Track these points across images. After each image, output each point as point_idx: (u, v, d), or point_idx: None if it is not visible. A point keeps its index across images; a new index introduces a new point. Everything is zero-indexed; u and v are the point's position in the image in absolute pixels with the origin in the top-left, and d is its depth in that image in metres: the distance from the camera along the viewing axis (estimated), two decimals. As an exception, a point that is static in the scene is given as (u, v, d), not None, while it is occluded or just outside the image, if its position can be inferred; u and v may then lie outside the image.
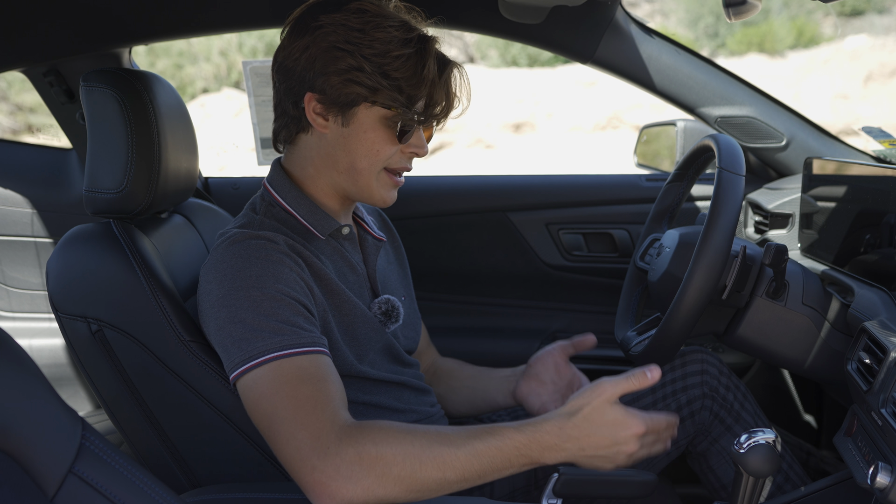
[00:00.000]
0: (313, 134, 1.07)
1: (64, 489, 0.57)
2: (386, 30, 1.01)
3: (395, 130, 1.05)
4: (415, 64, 1.02)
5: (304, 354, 0.92)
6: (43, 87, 1.71)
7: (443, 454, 0.87)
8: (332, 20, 1.01)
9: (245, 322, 0.93)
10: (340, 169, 1.07)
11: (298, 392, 0.89)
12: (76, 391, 1.98)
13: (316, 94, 1.02)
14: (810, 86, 9.61)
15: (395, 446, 0.87)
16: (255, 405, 0.91)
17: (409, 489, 0.86)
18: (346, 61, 1.00)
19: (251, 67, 1.84)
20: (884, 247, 1.11)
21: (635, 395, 1.22)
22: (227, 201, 1.86)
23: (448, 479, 0.87)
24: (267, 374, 0.90)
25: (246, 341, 0.92)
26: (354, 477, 0.84)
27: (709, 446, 1.21)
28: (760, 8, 1.08)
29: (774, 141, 1.67)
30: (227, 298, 0.95)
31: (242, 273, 0.96)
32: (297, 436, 0.86)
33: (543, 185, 1.91)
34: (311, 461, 0.84)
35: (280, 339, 0.92)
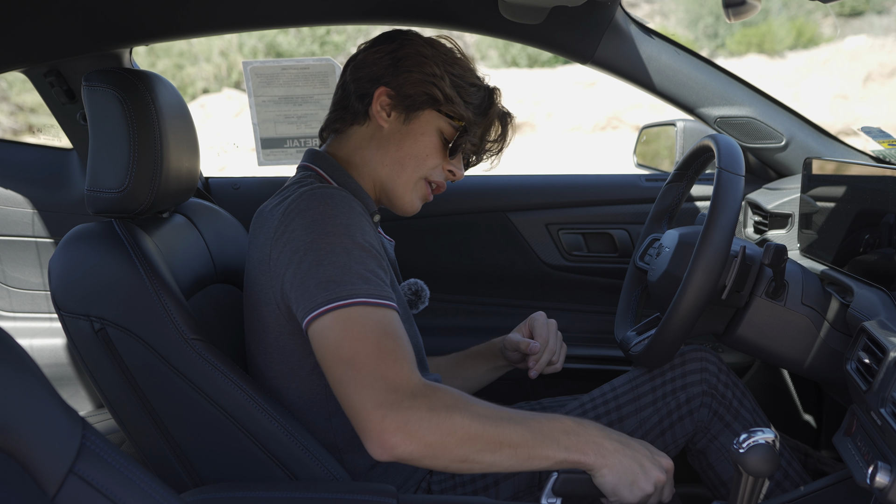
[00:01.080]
0: (369, 126, 1.15)
1: (64, 489, 0.57)
2: (465, 62, 1.18)
3: (447, 144, 1.14)
4: (483, 99, 1.17)
5: (386, 308, 0.94)
6: (44, 88, 1.71)
7: (503, 426, 0.90)
8: (422, 39, 1.16)
9: (335, 265, 0.93)
10: (387, 162, 1.15)
11: (382, 342, 0.90)
12: (77, 391, 1.99)
13: (388, 89, 1.11)
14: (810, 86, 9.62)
15: (464, 412, 0.89)
16: (335, 345, 0.91)
17: (465, 457, 0.88)
18: (431, 68, 1.11)
19: (252, 68, 1.84)
20: (883, 247, 1.12)
21: (636, 393, 1.23)
22: (227, 201, 1.86)
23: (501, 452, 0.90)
24: (352, 316, 0.91)
25: (335, 283, 0.92)
26: (419, 434, 0.86)
27: (708, 444, 1.21)
28: (760, 8, 1.08)
29: (774, 141, 1.67)
30: (316, 242, 0.95)
31: (332, 220, 0.97)
32: (375, 384, 0.87)
33: (543, 185, 1.91)
34: (383, 409, 0.86)
35: (368, 287, 0.93)
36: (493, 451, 0.89)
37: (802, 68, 10.27)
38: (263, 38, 11.07)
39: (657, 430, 1.20)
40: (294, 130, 1.89)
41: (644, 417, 1.20)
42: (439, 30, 1.22)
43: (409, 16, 1.55)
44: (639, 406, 1.21)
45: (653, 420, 1.20)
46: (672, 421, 1.20)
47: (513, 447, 0.90)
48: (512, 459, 0.91)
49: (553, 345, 1.29)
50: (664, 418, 1.20)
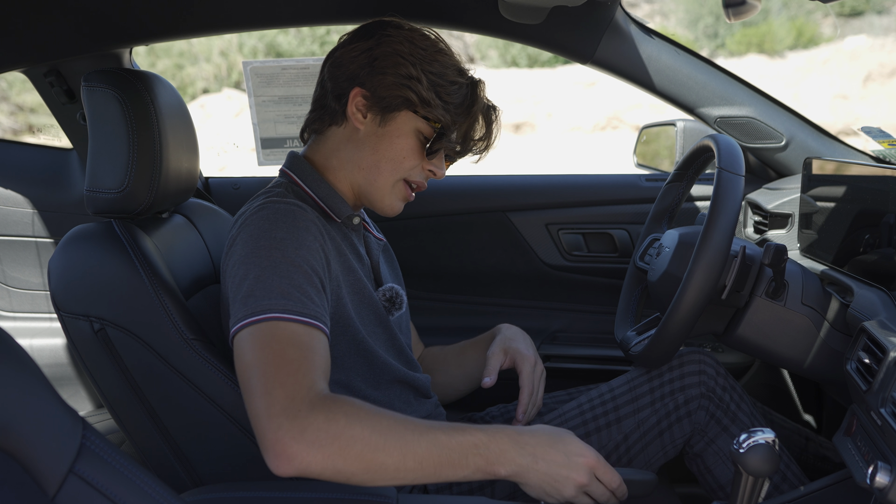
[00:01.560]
0: (346, 128, 1.13)
1: (64, 489, 0.57)
2: (446, 57, 1.12)
3: (424, 145, 1.12)
4: (465, 96, 1.12)
5: (303, 324, 0.93)
6: (43, 88, 1.71)
7: (406, 439, 0.88)
8: (400, 34, 1.11)
9: (259, 279, 0.94)
10: (363, 166, 1.13)
11: (286, 353, 0.89)
12: (77, 391, 1.99)
13: (364, 90, 1.09)
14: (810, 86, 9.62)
15: (364, 423, 0.87)
16: (241, 357, 0.91)
17: (367, 468, 0.86)
18: (407, 69, 1.08)
19: (251, 68, 1.84)
20: (883, 247, 1.12)
21: (633, 395, 1.22)
22: (227, 201, 1.86)
23: (406, 466, 0.87)
24: (261, 330, 0.91)
25: (253, 298, 0.92)
26: (317, 443, 0.84)
27: (706, 447, 1.21)
28: (760, 8, 1.08)
29: (774, 141, 1.67)
30: (248, 257, 0.96)
31: (267, 234, 0.97)
32: (272, 393, 0.86)
33: (543, 185, 1.91)
34: (279, 419, 0.84)
35: (285, 302, 0.92)
36: (396, 465, 0.87)
37: (802, 68, 10.28)
38: (263, 38, 11.06)
39: (655, 431, 1.20)
40: (294, 130, 1.89)
41: (642, 418, 1.20)
42: (439, 29, 1.20)
43: (409, 16, 1.54)
44: (637, 407, 1.21)
45: (651, 421, 1.20)
46: (670, 422, 1.20)
47: (417, 461, 0.88)
48: (417, 473, 0.88)
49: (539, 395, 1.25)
50: (662, 419, 1.20)
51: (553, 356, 1.83)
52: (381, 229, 1.37)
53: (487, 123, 1.18)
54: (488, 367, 1.24)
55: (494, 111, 1.19)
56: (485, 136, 1.19)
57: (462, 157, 1.22)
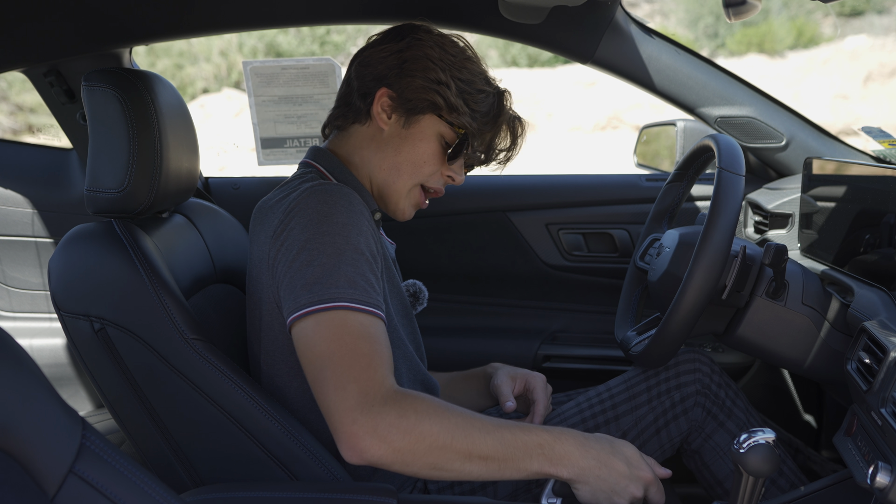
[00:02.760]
0: (369, 127, 1.13)
1: (64, 489, 0.57)
2: (474, 66, 1.13)
3: (446, 150, 1.12)
4: (491, 105, 1.13)
5: (370, 315, 0.93)
6: (43, 88, 1.71)
7: (473, 436, 0.89)
8: (431, 39, 1.11)
9: (324, 266, 0.93)
10: (384, 166, 1.13)
11: (358, 346, 0.90)
12: (76, 391, 1.99)
13: (391, 91, 1.09)
14: (810, 86, 9.62)
15: (434, 419, 0.89)
16: (312, 347, 0.91)
17: (434, 464, 0.88)
18: (437, 74, 1.08)
19: (251, 67, 1.84)
20: (883, 247, 1.12)
21: (631, 393, 1.23)
22: (227, 201, 1.86)
23: (471, 463, 0.89)
24: (333, 319, 0.91)
25: (319, 285, 0.92)
26: (389, 438, 0.86)
27: (703, 443, 1.22)
28: (760, 8, 1.08)
29: (774, 141, 1.67)
30: (310, 242, 0.95)
31: (329, 219, 0.96)
32: (347, 387, 0.87)
33: (543, 185, 1.91)
34: (354, 413, 0.86)
35: (353, 291, 0.93)
36: (463, 461, 0.89)
37: (802, 68, 10.27)
38: (263, 38, 11.07)
39: (652, 429, 1.21)
40: (294, 130, 1.89)
41: (639, 416, 1.21)
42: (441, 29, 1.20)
43: (409, 16, 1.54)
44: (634, 405, 1.22)
45: (648, 419, 1.21)
46: (667, 420, 1.21)
47: (484, 459, 0.89)
48: (483, 470, 0.90)
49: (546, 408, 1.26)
50: (659, 417, 1.21)
51: (553, 356, 1.83)
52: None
53: (512, 134, 1.19)
54: (503, 394, 1.24)
55: (520, 122, 1.20)
56: (509, 147, 1.20)
57: (484, 166, 1.23)
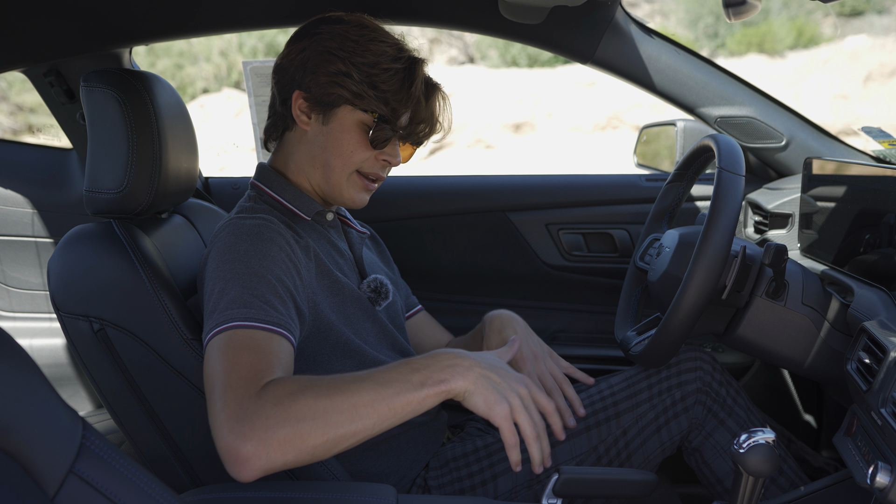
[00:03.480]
0: (296, 131, 1.15)
1: (64, 489, 0.57)
2: (379, 44, 1.10)
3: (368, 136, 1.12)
4: (402, 80, 1.10)
5: (263, 331, 0.92)
6: (43, 88, 1.71)
7: (350, 389, 0.86)
8: (332, 30, 1.10)
9: (224, 292, 0.95)
10: (316, 165, 1.15)
11: (240, 358, 0.88)
12: (76, 391, 1.99)
13: (303, 92, 1.11)
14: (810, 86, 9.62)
15: (308, 393, 0.84)
16: (204, 371, 0.90)
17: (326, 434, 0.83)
18: (336, 66, 1.08)
19: (251, 67, 1.84)
20: (883, 247, 1.12)
21: (632, 391, 1.23)
22: (227, 201, 1.86)
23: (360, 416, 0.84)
24: (221, 340, 0.90)
25: (218, 311, 0.94)
26: (269, 433, 0.81)
27: (703, 441, 1.22)
28: (760, 8, 1.08)
29: (774, 141, 1.67)
30: (215, 272, 0.99)
31: (233, 248, 1.00)
32: (225, 397, 0.84)
33: (543, 185, 1.91)
34: (230, 422, 0.82)
35: (246, 311, 0.93)
36: (350, 419, 0.84)
37: (802, 68, 10.27)
38: (263, 38, 11.06)
39: (653, 427, 1.21)
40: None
41: (640, 414, 1.21)
42: (439, 29, 1.19)
43: (409, 16, 1.55)
44: (635, 403, 1.22)
45: (649, 416, 1.21)
46: (668, 418, 1.21)
47: (368, 405, 0.85)
48: (373, 418, 0.85)
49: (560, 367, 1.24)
50: (660, 415, 1.21)
51: (553, 356, 1.83)
52: (380, 229, 1.38)
53: (428, 102, 1.16)
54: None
55: (436, 89, 1.17)
56: (428, 117, 1.16)
57: (418, 141, 1.19)
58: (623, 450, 1.21)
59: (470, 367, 0.91)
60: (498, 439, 1.23)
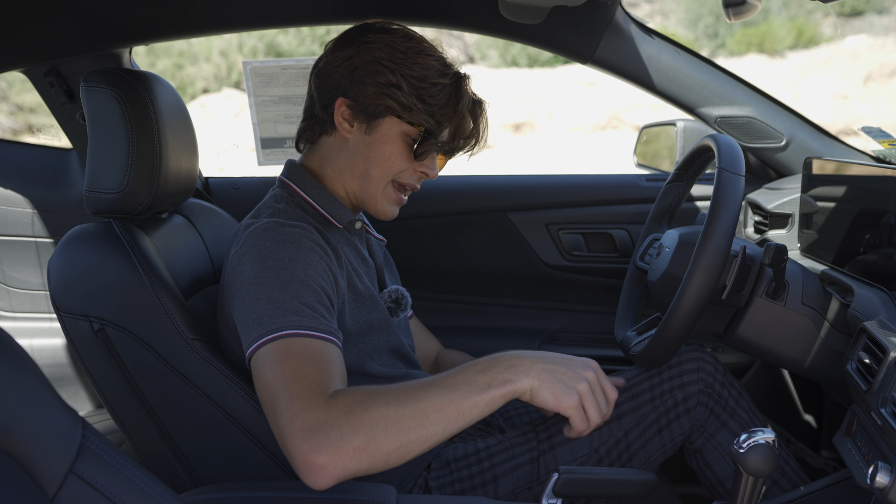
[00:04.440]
0: (336, 137, 1.15)
1: (64, 489, 0.57)
2: (427, 57, 1.11)
3: (412, 148, 1.12)
4: (449, 95, 1.12)
5: (317, 339, 0.94)
6: (43, 88, 1.71)
7: (419, 395, 0.89)
8: (380, 39, 1.10)
9: (270, 300, 0.95)
10: (356, 173, 1.15)
11: (301, 366, 0.90)
12: (76, 391, 1.99)
13: (348, 100, 1.10)
14: (810, 86, 9.63)
15: (379, 401, 0.87)
16: (260, 377, 0.92)
17: (398, 441, 0.86)
18: (386, 77, 1.08)
19: (251, 68, 1.84)
20: (883, 247, 1.12)
21: (633, 392, 1.23)
22: (227, 201, 1.86)
23: (430, 420, 0.88)
24: (277, 348, 0.92)
25: (267, 318, 0.94)
26: (344, 442, 0.83)
27: (705, 442, 1.22)
28: (760, 8, 1.08)
29: (774, 141, 1.67)
30: (257, 277, 0.97)
31: (275, 255, 0.99)
32: (292, 407, 0.86)
33: (543, 185, 1.91)
34: (303, 433, 0.84)
35: (299, 318, 0.94)
36: (421, 424, 0.88)
37: (802, 68, 10.27)
38: (263, 38, 11.06)
39: (654, 428, 1.21)
40: (294, 130, 1.88)
41: (641, 415, 1.21)
42: (439, 29, 1.20)
43: (409, 16, 1.55)
44: (636, 404, 1.22)
45: (650, 418, 1.21)
46: (669, 419, 1.21)
47: (437, 410, 0.89)
48: (443, 422, 0.89)
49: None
50: (661, 416, 1.21)
51: (553, 356, 1.83)
52: (380, 229, 1.38)
53: (474, 119, 1.18)
54: None
55: (480, 106, 1.19)
56: (473, 133, 1.19)
57: (455, 155, 1.22)
58: (624, 451, 1.21)
59: (532, 364, 0.96)
60: (499, 440, 1.23)
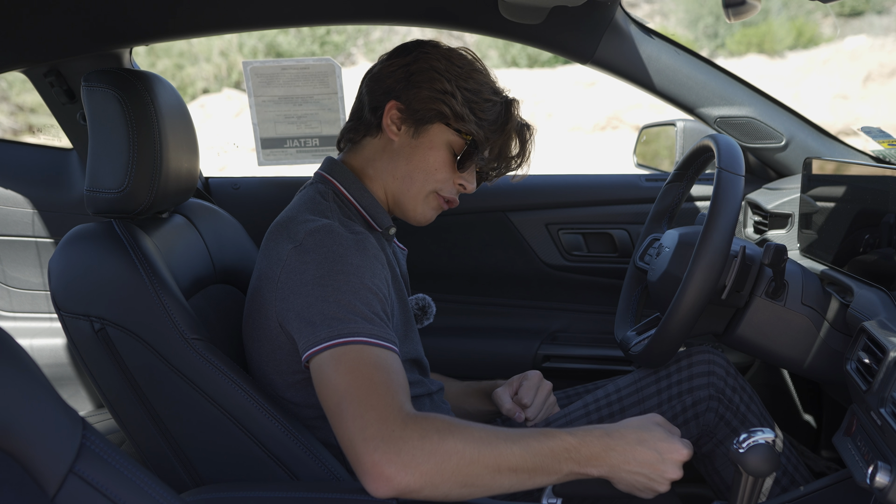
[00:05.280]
0: (381, 139, 1.16)
1: (65, 489, 0.57)
2: (482, 76, 1.16)
3: (456, 158, 1.14)
4: (499, 113, 1.15)
5: (384, 349, 0.95)
6: (44, 88, 1.71)
7: (500, 448, 0.89)
8: (438, 52, 1.14)
9: (341, 303, 0.95)
10: (397, 175, 1.16)
11: (374, 376, 0.91)
12: (77, 391, 1.99)
13: (399, 103, 1.12)
14: (810, 86, 9.63)
15: (458, 436, 0.88)
16: (330, 381, 0.92)
17: (464, 482, 0.87)
18: (443, 85, 1.11)
19: (252, 68, 1.84)
20: (883, 247, 1.12)
21: (640, 396, 1.22)
22: (227, 201, 1.86)
23: (501, 475, 0.88)
24: (350, 353, 0.92)
25: (338, 320, 0.94)
26: (414, 462, 0.85)
27: (714, 448, 1.21)
28: (760, 8, 1.08)
29: (774, 141, 1.67)
30: (326, 279, 0.97)
31: (345, 259, 0.99)
32: (365, 416, 0.87)
33: (543, 185, 1.91)
34: (374, 442, 0.85)
35: (371, 327, 0.95)
36: (493, 474, 0.88)
37: (802, 68, 10.28)
38: (263, 38, 11.07)
39: (661, 433, 1.20)
40: (294, 130, 1.89)
41: None
42: (439, 30, 1.20)
43: (409, 16, 1.55)
44: (643, 409, 1.21)
45: None
46: (677, 424, 1.19)
47: (513, 470, 0.88)
48: (513, 481, 0.89)
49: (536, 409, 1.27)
50: (669, 421, 1.19)
51: (553, 356, 1.83)
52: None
53: (521, 142, 1.21)
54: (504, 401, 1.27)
55: (529, 130, 1.22)
56: (519, 154, 1.21)
57: (499, 175, 1.24)
58: None
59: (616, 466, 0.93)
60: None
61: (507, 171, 1.24)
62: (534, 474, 0.90)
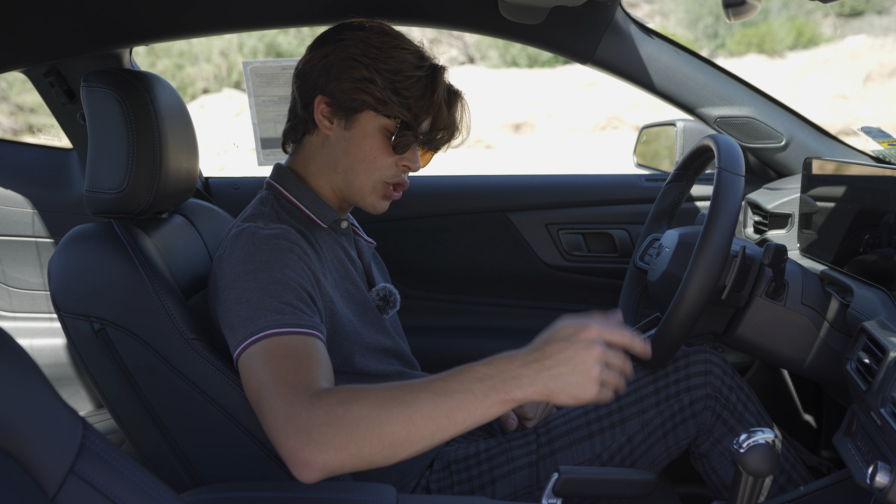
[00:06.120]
0: (318, 135, 1.15)
1: (65, 489, 0.57)
2: (402, 51, 1.12)
3: (391, 141, 1.13)
4: (424, 87, 1.12)
5: (298, 335, 0.94)
6: (43, 88, 1.71)
7: (406, 400, 0.84)
8: (355, 36, 1.12)
9: (251, 302, 0.96)
10: (339, 169, 1.15)
11: (281, 366, 0.90)
12: (77, 391, 1.99)
13: (326, 97, 1.11)
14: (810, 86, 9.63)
15: (361, 400, 0.85)
16: (247, 382, 0.92)
17: (382, 444, 0.83)
18: (360, 72, 1.09)
19: (251, 68, 1.84)
20: (883, 247, 1.12)
21: (638, 395, 1.23)
22: (227, 201, 1.86)
23: (417, 427, 0.83)
24: (260, 349, 0.92)
25: (249, 319, 0.94)
26: (325, 439, 0.83)
27: (711, 447, 1.21)
28: (760, 8, 1.08)
29: (774, 141, 1.67)
30: (236, 281, 0.98)
31: (253, 258, 1.00)
32: (275, 407, 0.86)
33: (543, 185, 1.91)
34: (287, 429, 0.84)
35: (281, 317, 0.94)
36: (406, 430, 0.83)
37: (802, 68, 10.28)
38: (263, 38, 11.07)
39: (659, 433, 1.20)
40: (294, 130, 1.89)
41: (646, 420, 1.20)
42: (439, 29, 1.20)
43: (409, 16, 1.55)
44: (641, 408, 1.21)
45: (655, 422, 1.20)
46: (675, 423, 1.20)
47: (426, 417, 0.83)
48: (432, 430, 0.83)
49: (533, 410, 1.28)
50: (667, 420, 1.20)
51: (553, 356, 1.83)
52: (380, 229, 1.38)
53: (450, 109, 1.17)
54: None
55: (457, 96, 1.19)
56: (449, 123, 1.18)
57: (438, 146, 1.20)
58: (628, 456, 1.20)
59: (536, 376, 0.84)
60: (499, 442, 1.23)
61: (453, 139, 1.20)
62: (452, 414, 0.83)
